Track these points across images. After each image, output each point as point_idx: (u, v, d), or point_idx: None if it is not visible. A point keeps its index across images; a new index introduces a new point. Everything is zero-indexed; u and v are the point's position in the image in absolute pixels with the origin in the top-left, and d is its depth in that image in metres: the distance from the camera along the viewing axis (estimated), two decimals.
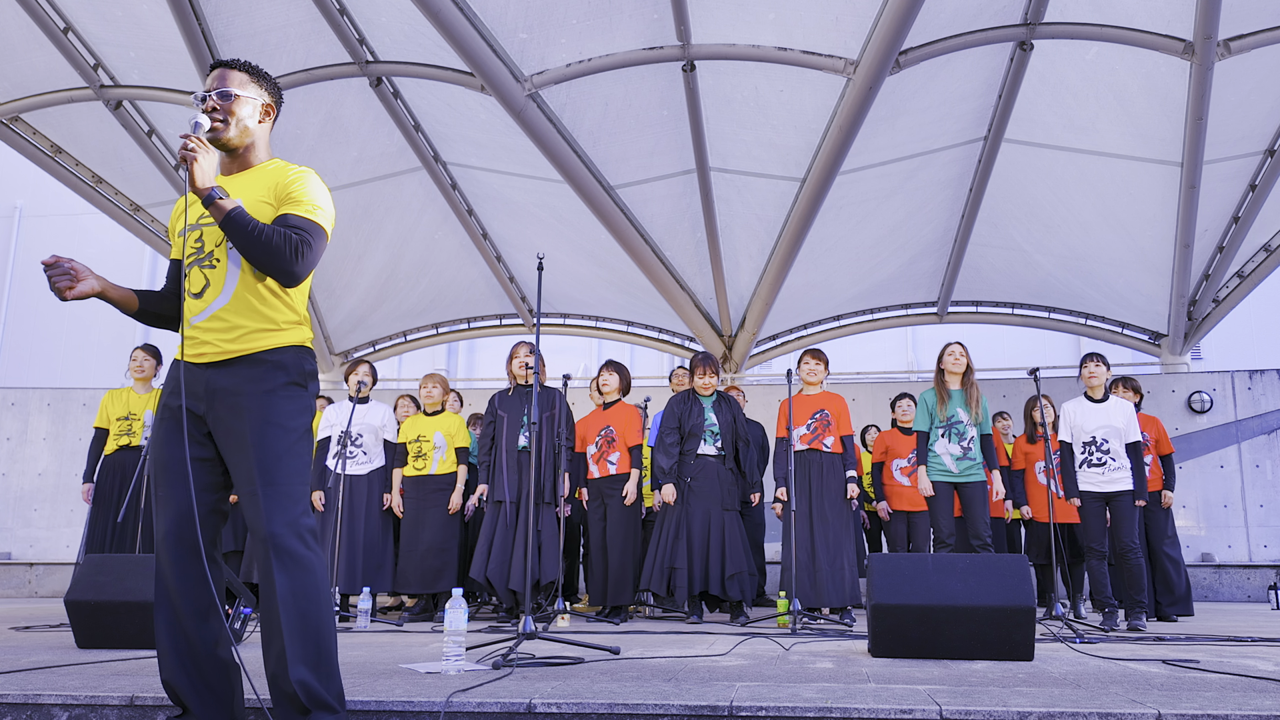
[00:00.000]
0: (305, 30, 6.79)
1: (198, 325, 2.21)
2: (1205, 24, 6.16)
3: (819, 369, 5.84)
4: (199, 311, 2.22)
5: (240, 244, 2.15)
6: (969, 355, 5.71)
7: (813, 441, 5.70)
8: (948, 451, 5.54)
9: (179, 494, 2.16)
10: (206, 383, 2.19)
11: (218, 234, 2.23)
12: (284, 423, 2.17)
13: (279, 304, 2.26)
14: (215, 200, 2.14)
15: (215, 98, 2.27)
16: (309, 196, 2.26)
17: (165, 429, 2.21)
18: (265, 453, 2.12)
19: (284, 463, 2.14)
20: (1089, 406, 5.66)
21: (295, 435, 2.19)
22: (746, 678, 2.88)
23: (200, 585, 2.15)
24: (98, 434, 5.97)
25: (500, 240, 9.67)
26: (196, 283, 2.24)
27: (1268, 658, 3.60)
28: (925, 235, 9.19)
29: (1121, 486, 5.45)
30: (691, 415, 5.79)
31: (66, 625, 4.85)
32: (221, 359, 2.19)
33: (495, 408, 5.85)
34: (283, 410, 2.18)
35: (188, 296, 2.25)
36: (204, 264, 2.24)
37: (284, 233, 2.18)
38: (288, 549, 2.08)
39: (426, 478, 6.01)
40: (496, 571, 5.43)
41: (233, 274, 2.22)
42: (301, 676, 2.03)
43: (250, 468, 2.11)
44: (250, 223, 2.15)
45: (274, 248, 2.16)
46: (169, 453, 2.19)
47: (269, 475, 2.11)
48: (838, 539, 5.51)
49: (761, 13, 6.29)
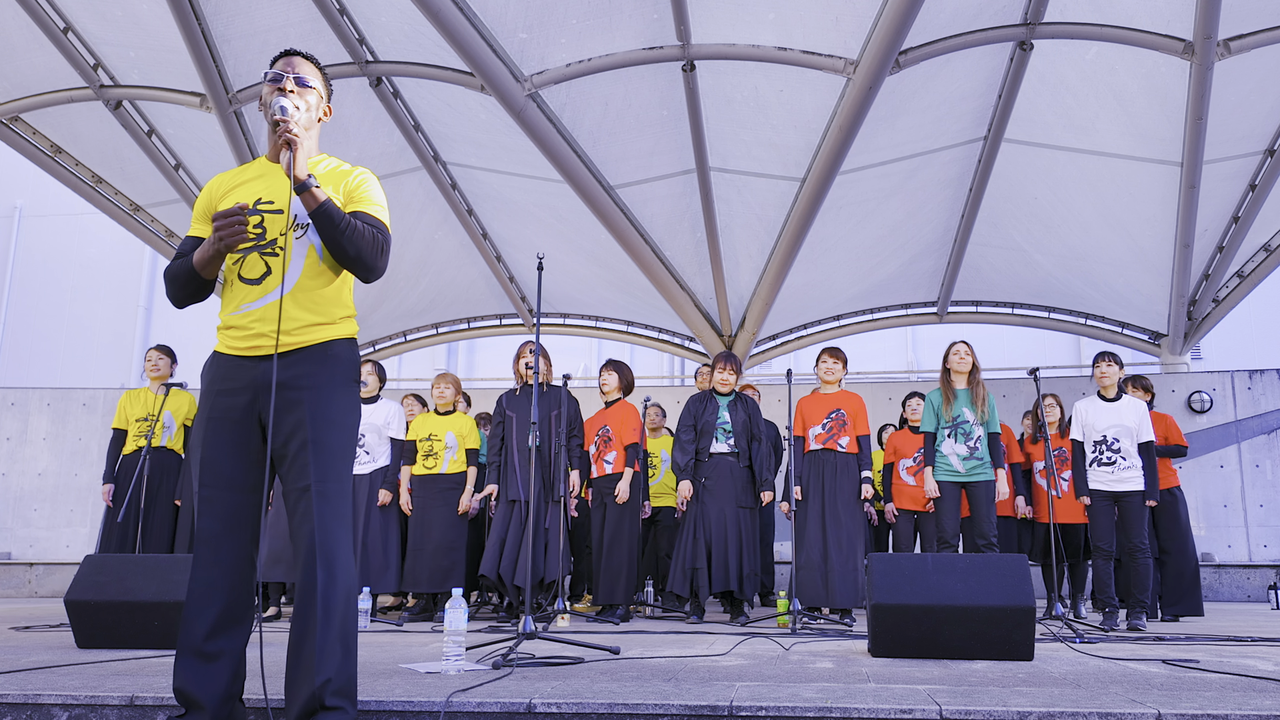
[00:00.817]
0: (305, 30, 6.79)
1: (251, 312, 2.17)
2: (1205, 24, 6.16)
3: (837, 368, 5.79)
4: (255, 298, 2.18)
5: (331, 235, 2.13)
6: (974, 354, 5.68)
7: (827, 441, 5.65)
8: (954, 451, 5.50)
9: (229, 495, 2.13)
10: (260, 375, 2.15)
11: (281, 222, 2.19)
12: (340, 420, 2.16)
13: (337, 297, 2.24)
14: (310, 188, 2.13)
15: (293, 82, 2.25)
16: (377, 198, 2.28)
17: (215, 428, 2.16)
18: (323, 451, 2.10)
19: (339, 462, 2.13)
20: (1101, 405, 5.64)
21: (349, 433, 2.18)
22: (746, 678, 2.88)
23: (240, 585, 2.14)
24: (116, 435, 6.07)
25: (500, 240, 9.67)
26: (254, 269, 2.19)
27: (1268, 658, 3.60)
28: (925, 235, 9.19)
29: (1131, 486, 5.42)
30: (705, 413, 5.80)
31: (66, 625, 4.85)
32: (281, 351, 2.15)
33: (503, 408, 5.86)
34: (339, 407, 2.17)
35: (236, 281, 2.20)
36: (265, 250, 2.19)
37: (370, 230, 2.17)
38: (332, 550, 2.07)
39: (436, 477, 6.00)
40: (508, 569, 5.45)
41: (296, 263, 2.19)
42: (329, 674, 2.03)
43: (306, 465, 2.09)
44: (342, 215, 2.14)
45: (365, 242, 2.15)
46: (219, 453, 2.14)
47: (324, 474, 2.09)
48: (851, 540, 5.49)
49: (761, 13, 6.29)
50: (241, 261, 2.20)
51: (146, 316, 14.19)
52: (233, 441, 2.15)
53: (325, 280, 2.22)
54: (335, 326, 2.23)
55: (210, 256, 2.18)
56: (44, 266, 14.25)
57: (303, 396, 2.12)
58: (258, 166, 2.33)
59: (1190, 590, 6.11)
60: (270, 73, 2.26)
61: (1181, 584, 6.11)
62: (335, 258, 2.18)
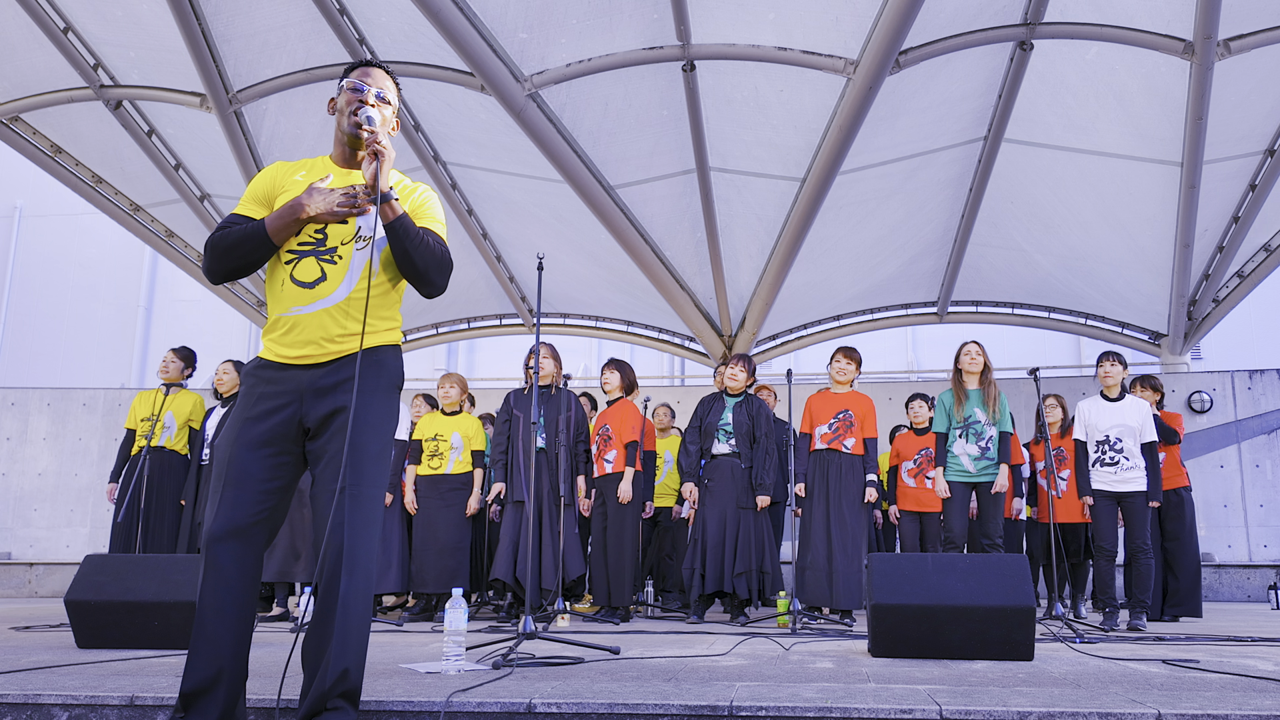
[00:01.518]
0: (305, 30, 6.79)
1: (300, 316, 2.18)
2: (1205, 24, 6.16)
3: (849, 368, 5.74)
4: (307, 302, 2.18)
5: (403, 248, 2.15)
6: (986, 355, 5.66)
7: (833, 441, 5.63)
8: (965, 452, 5.48)
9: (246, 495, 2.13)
10: (308, 382, 2.17)
11: (346, 231, 2.22)
12: (378, 424, 2.18)
13: (388, 312, 2.27)
14: (391, 200, 2.16)
15: (377, 98, 2.28)
16: (440, 216, 2.31)
17: (247, 429, 2.16)
18: (359, 454, 2.11)
19: (374, 467, 2.14)
20: (1104, 405, 5.62)
21: (387, 439, 2.20)
22: (746, 678, 2.88)
23: (250, 583, 2.14)
24: (127, 435, 6.14)
25: (500, 240, 9.67)
26: (309, 273, 2.20)
27: (1268, 658, 3.60)
28: (925, 235, 9.19)
29: (1134, 487, 5.41)
30: (710, 414, 5.80)
31: (66, 625, 4.84)
32: (327, 359, 2.17)
33: (510, 407, 5.85)
34: (380, 412, 2.18)
35: (288, 283, 2.20)
36: (322, 256, 2.20)
37: (440, 246, 2.20)
38: (360, 555, 2.09)
39: (442, 477, 5.99)
40: (524, 571, 5.43)
41: (354, 273, 2.20)
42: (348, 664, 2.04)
43: (340, 466, 2.10)
44: (417, 229, 2.17)
45: (436, 258, 2.18)
46: (245, 453, 2.14)
47: (358, 477, 2.10)
48: (856, 541, 5.47)
49: (761, 13, 6.29)
50: (296, 263, 2.21)
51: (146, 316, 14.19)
52: (265, 442, 2.16)
53: (378, 293, 2.24)
54: (381, 334, 2.25)
55: (290, 223, 2.18)
56: (44, 266, 14.25)
57: (346, 401, 2.14)
58: (322, 166, 2.33)
59: (1191, 592, 6.10)
60: (351, 81, 2.29)
61: (1183, 585, 6.10)
62: (402, 270, 2.20)
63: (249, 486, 2.13)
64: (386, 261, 2.26)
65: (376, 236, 2.22)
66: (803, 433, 5.70)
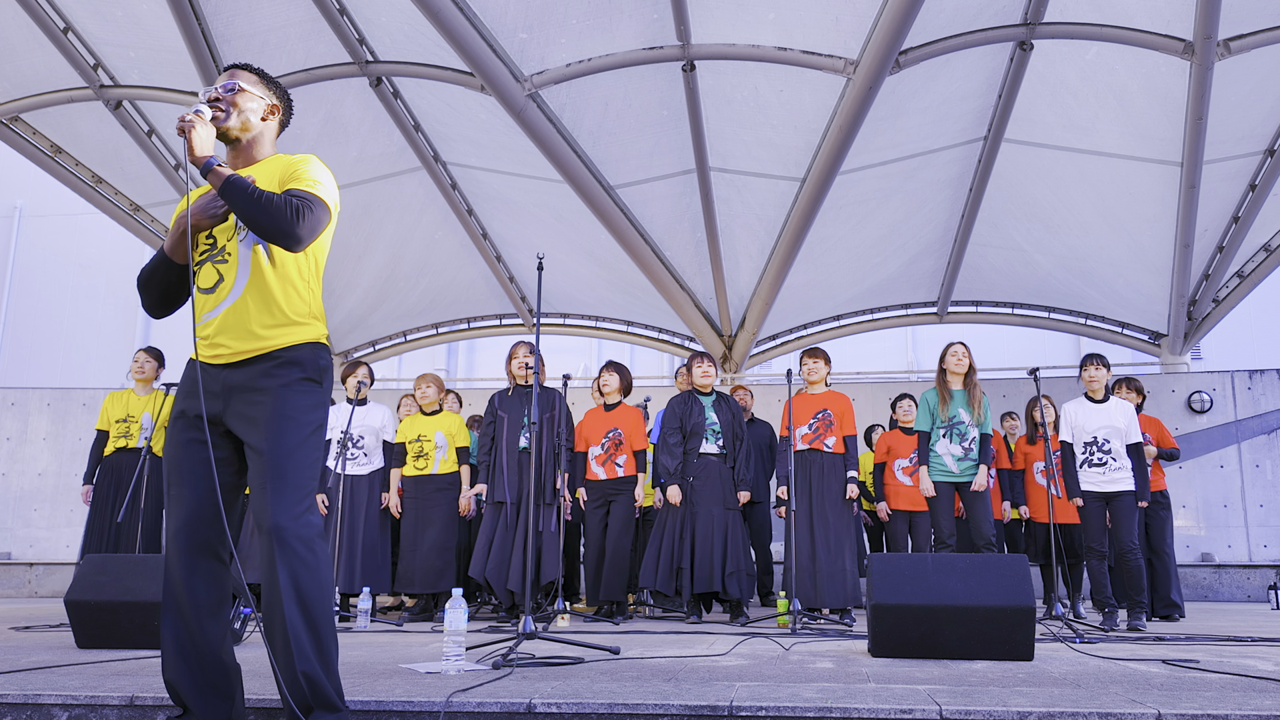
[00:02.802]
0: (305, 30, 6.79)
1: (210, 322, 2.21)
2: (1205, 24, 6.15)
3: (819, 367, 5.82)
4: (212, 307, 2.22)
5: (239, 206, 2.13)
6: (971, 356, 5.71)
7: (814, 441, 5.68)
8: (949, 452, 5.55)
9: (191, 493, 2.16)
10: (223, 381, 2.20)
11: (230, 229, 2.25)
12: (297, 417, 2.18)
13: (294, 295, 2.26)
14: (213, 167, 2.15)
15: (220, 90, 2.31)
16: (310, 174, 2.27)
17: (179, 427, 2.21)
18: (276, 446, 2.13)
19: (294, 457, 2.14)
20: (1090, 407, 5.66)
21: (308, 430, 2.19)
22: (746, 678, 2.88)
23: (210, 584, 2.15)
24: (99, 436, 6.03)
25: (500, 240, 9.67)
26: (208, 278, 2.24)
27: (1268, 658, 3.60)
28: (925, 235, 9.19)
29: (1122, 487, 5.45)
30: (692, 414, 5.79)
31: (66, 625, 4.84)
32: (238, 359, 2.20)
33: (495, 408, 5.85)
34: (296, 405, 2.18)
35: (198, 293, 2.25)
36: (216, 259, 2.24)
37: (283, 196, 2.17)
38: (291, 543, 2.08)
39: (428, 478, 6.00)
40: (495, 571, 5.44)
41: (244, 267, 2.23)
42: (306, 669, 2.04)
43: (262, 462, 2.12)
44: (249, 186, 2.14)
45: (275, 208, 2.13)
46: (183, 452, 2.18)
47: (278, 468, 2.11)
48: (838, 540, 5.50)
49: (761, 13, 6.29)
50: (198, 273, 2.26)
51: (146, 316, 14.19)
52: (197, 439, 2.19)
53: (275, 282, 2.24)
54: (297, 329, 2.24)
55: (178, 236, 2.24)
56: (44, 266, 14.25)
57: (262, 397, 2.16)
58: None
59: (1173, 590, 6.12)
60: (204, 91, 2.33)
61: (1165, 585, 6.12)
62: (254, 231, 2.17)
63: (194, 485, 2.17)
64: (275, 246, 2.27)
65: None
66: (782, 435, 5.71)
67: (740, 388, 7.35)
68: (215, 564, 2.17)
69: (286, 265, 2.26)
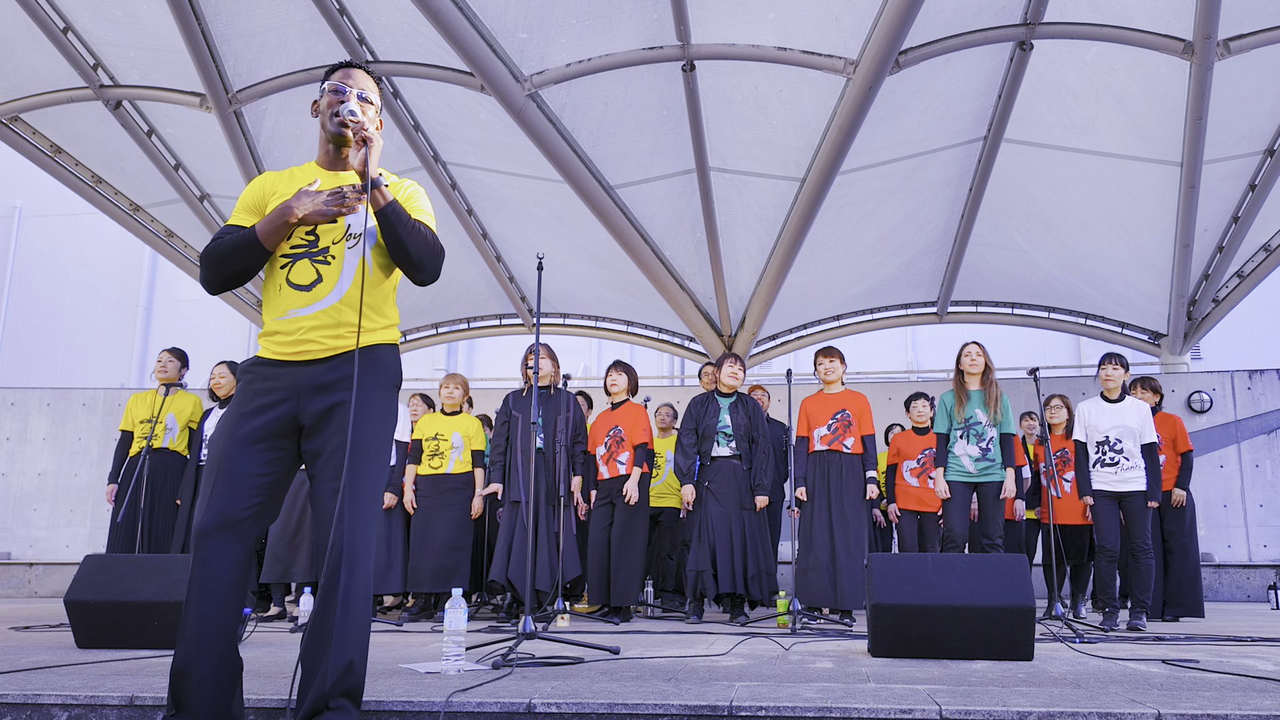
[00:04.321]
0: (305, 30, 6.79)
1: (300, 318, 2.19)
2: (1205, 24, 6.16)
3: (835, 367, 5.76)
4: (305, 304, 2.19)
5: (394, 235, 2.15)
6: (987, 355, 5.67)
7: (833, 442, 5.63)
8: (966, 452, 5.48)
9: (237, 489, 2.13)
10: (305, 379, 2.17)
11: (336, 231, 2.23)
12: (378, 423, 2.18)
13: (385, 307, 2.28)
14: (380, 186, 2.15)
15: (357, 98, 2.28)
16: (428, 208, 2.31)
17: (241, 423, 2.16)
18: (358, 452, 2.11)
19: (372, 465, 2.14)
20: (1104, 406, 5.64)
21: (385, 437, 2.20)
22: (746, 678, 2.88)
23: (239, 577, 2.14)
24: (123, 436, 6.11)
25: (500, 240, 9.67)
26: (304, 275, 2.21)
27: (1268, 658, 3.60)
28: (925, 235, 9.19)
29: (1134, 486, 5.43)
30: (706, 416, 5.79)
31: (66, 625, 4.84)
32: (325, 355, 2.18)
33: (510, 408, 5.86)
34: (378, 410, 2.19)
35: (285, 287, 2.21)
36: (316, 258, 2.22)
37: (431, 233, 2.21)
38: (359, 552, 2.09)
39: (442, 477, 5.99)
40: (518, 572, 5.43)
41: (349, 271, 2.21)
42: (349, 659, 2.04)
43: (340, 463, 2.10)
44: (407, 214, 2.16)
45: (426, 245, 2.18)
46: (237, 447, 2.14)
47: (358, 475, 2.11)
48: (858, 541, 5.47)
49: (761, 13, 6.29)
50: (290, 267, 2.22)
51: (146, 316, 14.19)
52: (260, 437, 2.16)
53: (374, 290, 2.24)
54: (379, 332, 2.26)
55: (279, 226, 2.18)
56: (44, 266, 14.25)
57: (345, 398, 2.15)
58: (311, 171, 2.34)
59: (1191, 591, 6.10)
60: (332, 83, 2.29)
61: (1183, 585, 6.10)
62: (395, 257, 2.20)
63: (241, 481, 2.14)
64: (380, 257, 2.27)
65: (368, 229, 2.24)
66: (800, 436, 5.69)
67: (758, 387, 7.29)
68: (246, 560, 2.16)
69: (385, 278, 2.29)
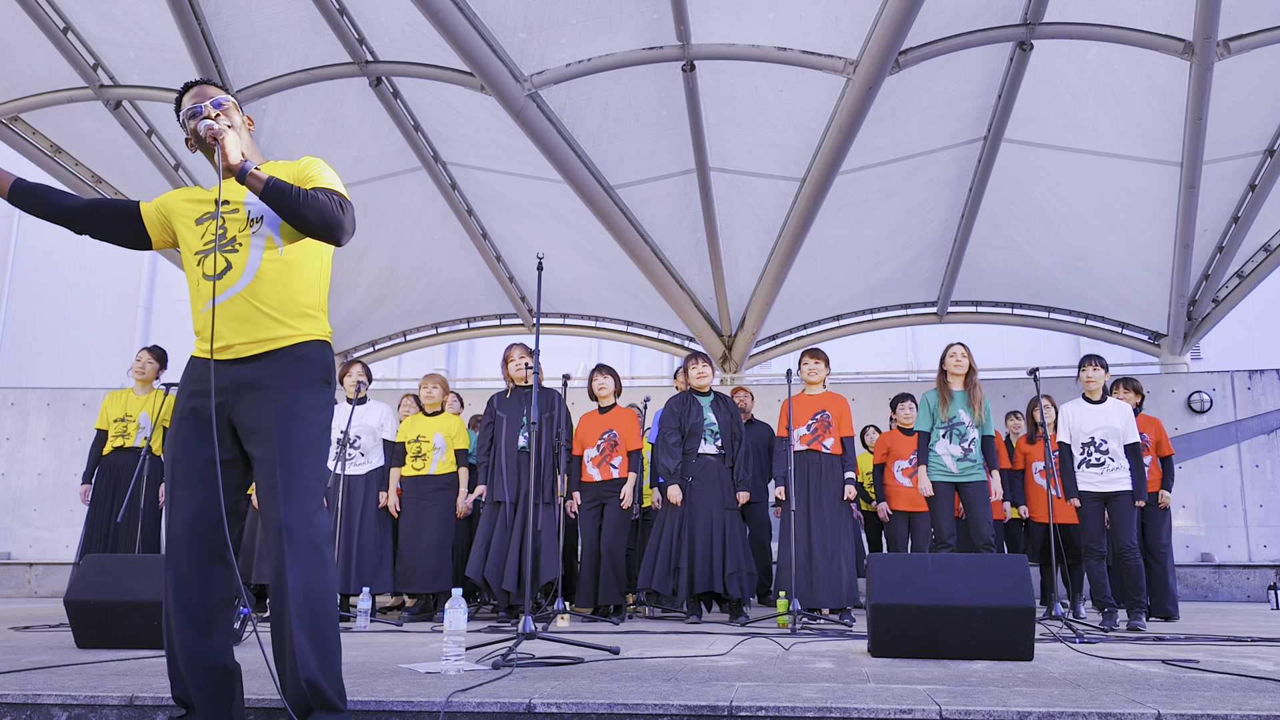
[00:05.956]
0: (305, 30, 6.79)
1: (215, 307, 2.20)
2: (1205, 24, 6.15)
3: (819, 368, 5.84)
4: (219, 292, 2.21)
5: (286, 207, 2.15)
6: (971, 356, 5.73)
7: (812, 442, 5.70)
8: (948, 452, 5.56)
9: (197, 495, 2.14)
10: (231, 377, 2.19)
11: (241, 221, 2.25)
12: (308, 417, 2.18)
13: (302, 286, 2.27)
14: (250, 171, 2.16)
15: (211, 106, 2.31)
16: (325, 176, 2.30)
17: (185, 427, 2.19)
18: (288, 446, 2.12)
19: (305, 457, 2.14)
20: (1087, 407, 5.68)
21: (318, 430, 2.20)
22: (746, 678, 2.88)
23: (215, 586, 2.15)
24: (98, 435, 6.03)
25: (500, 240, 9.67)
26: (214, 266, 2.23)
27: (1268, 658, 3.60)
28: (925, 235, 9.19)
29: (1120, 487, 5.47)
30: (691, 414, 5.80)
31: (66, 625, 4.84)
32: (246, 355, 2.20)
33: (494, 409, 5.86)
34: (308, 404, 2.19)
35: (202, 281, 2.24)
36: (225, 248, 2.24)
37: (326, 192, 2.20)
38: (301, 544, 2.08)
39: (425, 478, 6.01)
40: (493, 571, 5.44)
41: (255, 256, 2.23)
42: (310, 675, 2.03)
43: (273, 461, 2.11)
44: (292, 187, 2.17)
45: (322, 205, 2.17)
46: (187, 452, 2.17)
47: (290, 468, 2.11)
48: (835, 540, 5.52)
49: (761, 13, 6.29)
50: (203, 260, 2.26)
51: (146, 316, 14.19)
52: (202, 440, 2.17)
53: (286, 272, 2.25)
54: (304, 322, 2.25)
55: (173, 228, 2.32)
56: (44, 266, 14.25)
57: (273, 395, 2.16)
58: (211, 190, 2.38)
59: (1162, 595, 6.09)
60: (186, 110, 2.33)
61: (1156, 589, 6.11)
62: (300, 228, 2.19)
63: (199, 486, 2.15)
64: (288, 239, 2.28)
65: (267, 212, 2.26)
66: (780, 436, 5.71)
67: (741, 389, 7.38)
68: (220, 566, 2.16)
69: (297, 259, 2.28)
